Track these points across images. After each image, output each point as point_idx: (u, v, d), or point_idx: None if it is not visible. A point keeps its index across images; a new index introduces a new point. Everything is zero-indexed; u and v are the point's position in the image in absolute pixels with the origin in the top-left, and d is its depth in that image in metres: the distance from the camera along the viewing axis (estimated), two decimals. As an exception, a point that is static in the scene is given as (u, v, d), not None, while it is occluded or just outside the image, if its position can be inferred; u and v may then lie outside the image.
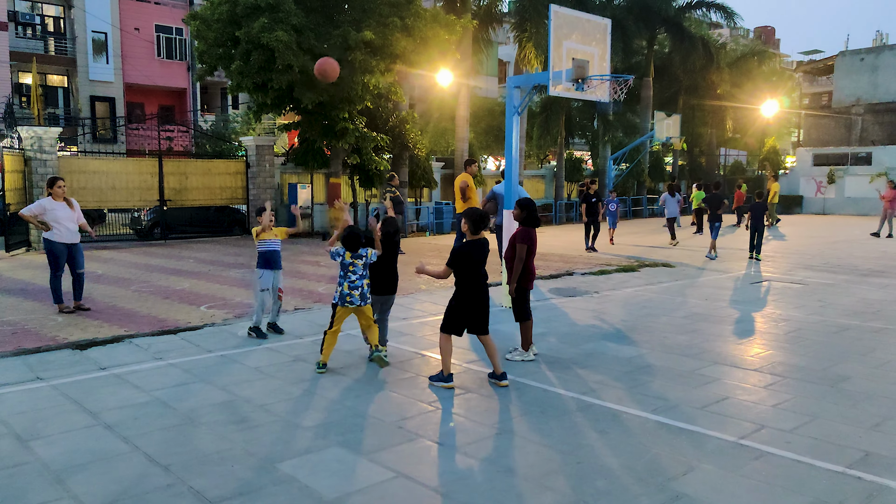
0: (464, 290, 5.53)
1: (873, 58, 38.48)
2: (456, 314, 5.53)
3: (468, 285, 5.51)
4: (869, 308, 8.93)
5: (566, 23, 8.50)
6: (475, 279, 5.50)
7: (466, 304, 5.51)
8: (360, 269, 6.01)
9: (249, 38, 15.10)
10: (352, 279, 5.97)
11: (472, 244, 5.51)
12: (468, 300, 5.51)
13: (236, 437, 4.46)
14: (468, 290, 5.51)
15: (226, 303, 9.14)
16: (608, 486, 3.75)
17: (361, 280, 6.02)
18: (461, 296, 5.53)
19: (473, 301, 5.52)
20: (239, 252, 15.47)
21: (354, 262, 5.98)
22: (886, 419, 4.79)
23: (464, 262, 5.47)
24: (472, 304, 5.52)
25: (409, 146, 20.23)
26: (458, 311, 5.52)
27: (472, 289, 5.50)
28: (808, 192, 34.19)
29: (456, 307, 5.54)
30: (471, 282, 5.51)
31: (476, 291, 5.51)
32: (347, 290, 5.98)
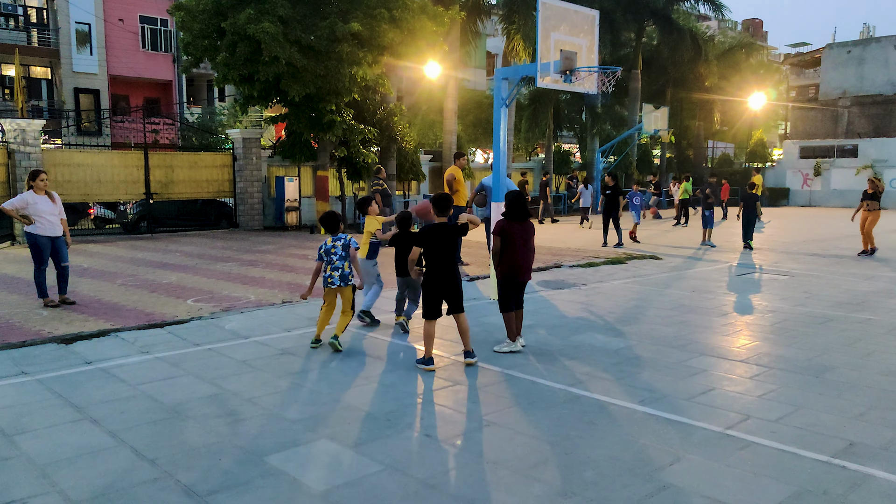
0: (430, 271, 5.79)
1: (860, 50, 38.77)
2: (430, 296, 5.79)
3: (433, 265, 5.77)
4: (854, 299, 9.02)
5: (554, 14, 8.48)
6: (439, 259, 5.74)
7: (435, 283, 5.77)
8: (339, 250, 6.36)
9: (235, 30, 14.96)
10: (332, 261, 6.35)
11: (436, 226, 5.79)
12: (436, 280, 5.77)
13: (224, 430, 4.44)
14: (434, 270, 5.77)
15: (213, 296, 9.08)
16: (596, 477, 3.76)
17: (342, 262, 6.37)
18: (429, 276, 5.80)
19: (440, 280, 5.77)
20: (226, 245, 15.37)
21: (335, 245, 6.37)
22: (870, 409, 4.84)
23: (427, 243, 5.76)
24: (441, 283, 5.77)
25: (396, 139, 20.16)
26: (431, 292, 5.78)
27: (438, 268, 5.75)
28: (794, 185, 34.47)
29: (428, 289, 5.80)
30: (435, 262, 5.76)
31: (441, 271, 5.75)
32: (329, 272, 6.37)
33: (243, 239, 16.82)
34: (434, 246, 5.75)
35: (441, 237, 5.75)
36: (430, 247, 5.76)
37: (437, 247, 5.75)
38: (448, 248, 5.75)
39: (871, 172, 31.63)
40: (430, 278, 5.79)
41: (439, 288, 5.77)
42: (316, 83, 15.98)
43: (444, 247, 5.74)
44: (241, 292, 9.36)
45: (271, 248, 14.86)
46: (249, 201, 19.55)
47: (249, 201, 19.55)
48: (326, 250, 6.37)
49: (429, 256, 5.78)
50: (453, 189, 12.22)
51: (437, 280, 5.77)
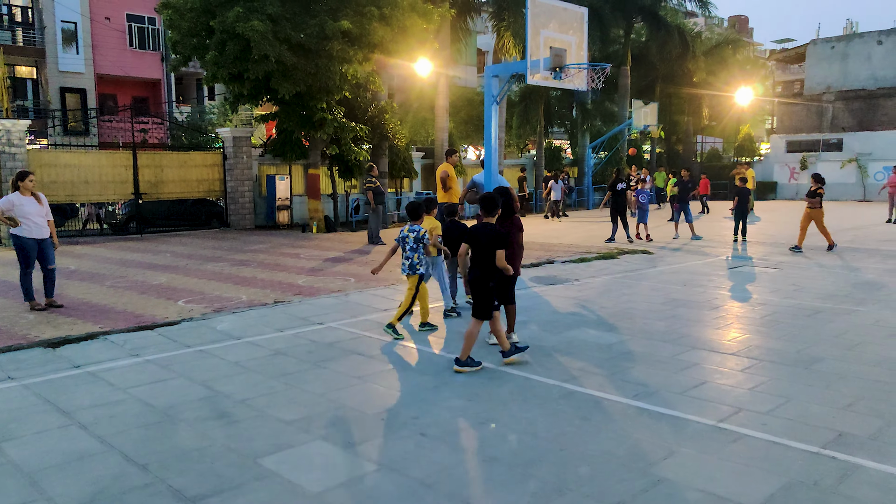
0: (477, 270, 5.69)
1: (843, 46, 39.02)
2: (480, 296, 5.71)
3: (480, 265, 5.67)
4: (841, 291, 9.10)
5: (543, 11, 8.50)
6: (486, 259, 5.63)
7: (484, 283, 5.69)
8: (411, 241, 6.80)
9: (224, 28, 14.87)
10: (405, 249, 6.83)
11: (482, 227, 5.70)
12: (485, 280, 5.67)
13: (216, 433, 4.42)
14: (481, 270, 5.69)
15: (204, 297, 9.03)
16: (591, 473, 3.78)
17: (412, 252, 6.80)
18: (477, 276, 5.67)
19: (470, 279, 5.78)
20: (217, 245, 15.30)
21: (408, 235, 6.83)
22: (858, 399, 4.89)
23: (474, 242, 5.69)
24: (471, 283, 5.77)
25: (388, 136, 20.12)
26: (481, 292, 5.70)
27: (485, 269, 5.67)
28: (782, 179, 34.70)
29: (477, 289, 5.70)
30: (482, 262, 5.65)
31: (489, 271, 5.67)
32: (402, 259, 6.88)
33: (234, 238, 16.75)
34: (479, 246, 5.64)
35: (481, 238, 5.62)
36: (477, 246, 5.67)
37: (482, 247, 5.62)
38: (487, 249, 5.60)
39: (856, 166, 31.93)
40: (479, 278, 5.68)
41: (487, 288, 5.69)
42: (306, 81, 15.92)
43: (482, 248, 5.61)
44: (233, 292, 9.32)
45: (263, 247, 14.80)
46: (240, 200, 19.46)
47: (240, 200, 19.46)
48: (402, 238, 6.83)
49: (475, 256, 5.69)
50: (447, 186, 12.21)
51: (485, 280, 5.68)
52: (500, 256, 5.55)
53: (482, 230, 5.64)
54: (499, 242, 5.55)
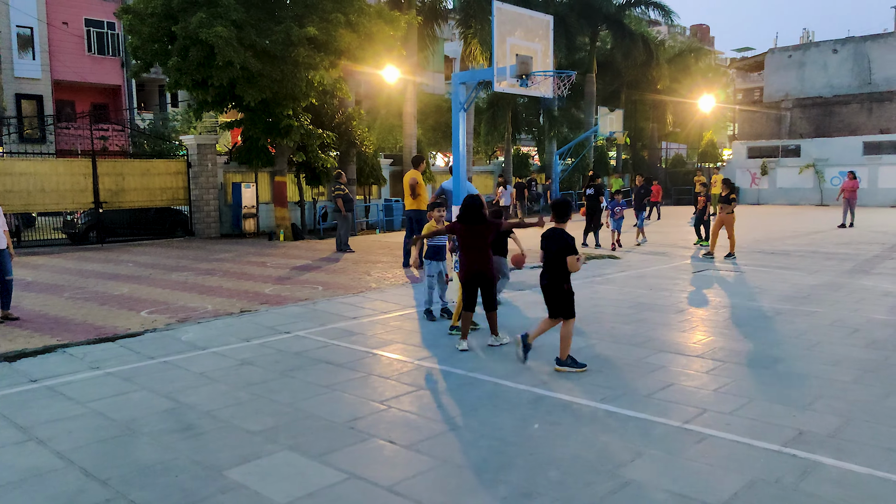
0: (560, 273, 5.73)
1: (800, 55, 40.23)
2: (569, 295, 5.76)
3: (554, 267, 5.74)
4: (800, 293, 9.34)
5: (509, 19, 8.56)
6: (554, 261, 5.71)
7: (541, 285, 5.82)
8: None
9: (187, 34, 14.66)
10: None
11: (553, 231, 5.80)
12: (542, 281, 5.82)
13: (180, 445, 4.33)
14: (542, 272, 5.81)
15: (168, 307, 8.85)
16: (560, 476, 3.80)
17: None
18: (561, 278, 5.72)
19: (544, 284, 5.83)
20: (181, 254, 15.02)
21: None
22: (817, 398, 5.02)
23: (543, 246, 5.81)
24: (544, 287, 5.83)
25: (356, 143, 20.05)
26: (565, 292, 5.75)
27: (545, 271, 5.80)
28: (743, 184, 35.52)
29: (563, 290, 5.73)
30: (553, 264, 5.73)
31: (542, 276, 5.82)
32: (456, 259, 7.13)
33: (199, 247, 16.47)
34: (550, 251, 5.73)
35: (551, 242, 5.73)
36: (548, 252, 5.77)
37: (553, 252, 5.71)
38: (559, 254, 5.69)
39: (814, 171, 32.87)
40: (554, 282, 5.77)
41: (543, 290, 5.82)
42: (272, 88, 15.77)
43: (554, 253, 5.71)
44: (198, 302, 9.16)
45: (229, 255, 14.58)
46: (205, 209, 19.15)
47: (205, 209, 19.15)
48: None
49: (546, 261, 5.80)
50: (415, 193, 12.22)
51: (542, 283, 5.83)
52: (571, 262, 5.64)
53: (552, 236, 5.75)
54: (569, 248, 5.63)
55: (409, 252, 12.32)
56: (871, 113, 35.92)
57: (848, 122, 36.45)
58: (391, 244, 16.37)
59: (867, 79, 37.85)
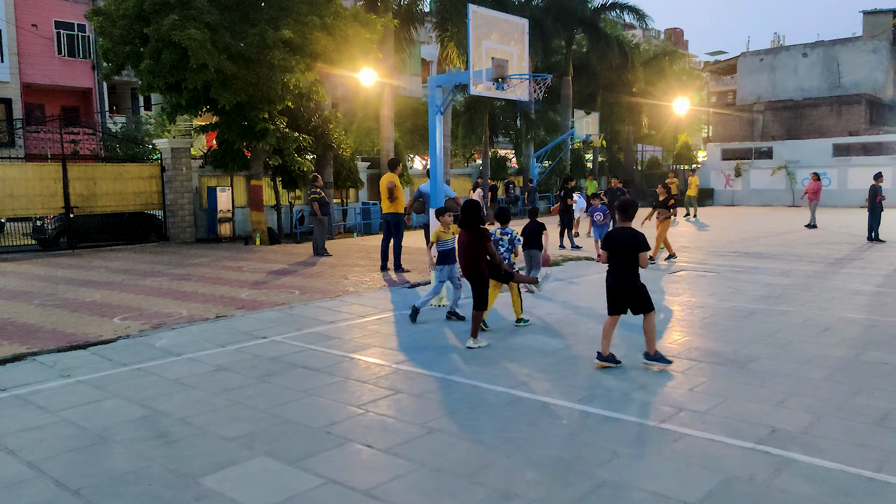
0: (608, 273, 5.89)
1: (771, 58, 40.99)
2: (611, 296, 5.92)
3: (615, 267, 5.85)
4: (773, 293, 9.49)
5: (485, 22, 8.59)
6: (627, 259, 5.78)
7: (610, 285, 5.90)
8: (505, 243, 7.39)
9: (159, 36, 14.47)
10: (500, 252, 7.25)
11: (620, 231, 5.87)
12: (610, 282, 5.89)
13: (154, 453, 4.26)
14: (608, 273, 5.90)
15: (142, 313, 8.72)
16: (538, 478, 3.81)
17: (508, 253, 7.36)
18: (634, 275, 5.84)
19: (610, 284, 5.89)
20: (156, 260, 14.80)
21: (502, 238, 7.37)
22: (790, 396, 5.10)
23: (611, 247, 5.85)
24: (610, 287, 5.89)
25: (333, 146, 19.94)
26: (610, 292, 5.90)
27: (610, 272, 5.87)
28: (718, 185, 36.05)
29: (609, 290, 5.93)
30: (625, 262, 5.79)
31: (613, 275, 5.86)
32: None
33: (174, 252, 16.24)
34: (623, 249, 5.79)
35: (623, 242, 5.78)
36: (619, 250, 5.80)
37: (618, 250, 5.81)
38: (630, 252, 5.76)
39: (785, 172, 33.47)
40: (628, 280, 5.83)
41: (618, 290, 5.87)
42: (247, 91, 15.63)
43: (625, 251, 5.77)
44: (173, 308, 9.03)
45: (204, 260, 14.41)
46: (180, 213, 18.90)
47: (180, 213, 18.90)
48: (495, 241, 7.26)
49: (617, 259, 5.85)
50: (392, 196, 12.19)
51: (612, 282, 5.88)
52: (643, 258, 5.75)
53: (623, 235, 5.79)
54: (643, 245, 5.73)
55: (386, 256, 12.29)
56: (840, 115, 36.70)
57: (818, 124, 37.20)
58: (369, 248, 16.32)
59: (836, 82, 38.69)
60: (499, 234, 7.49)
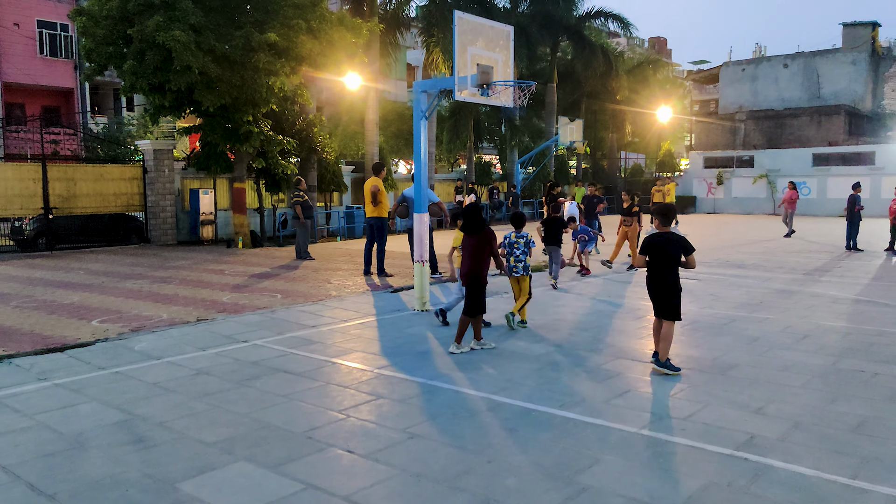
0: (651, 274, 6.06)
1: (753, 68, 41.58)
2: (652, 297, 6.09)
3: (654, 270, 6.02)
4: (753, 300, 9.60)
5: (470, 29, 8.62)
6: (660, 266, 5.98)
7: (651, 287, 6.05)
8: (521, 246, 7.51)
9: (143, 37, 14.35)
10: (516, 254, 7.50)
11: (660, 235, 6.02)
12: (651, 284, 6.04)
13: (132, 458, 4.20)
14: (649, 276, 6.07)
15: (121, 316, 8.61)
16: (518, 484, 3.81)
17: (524, 256, 7.51)
18: (649, 279, 6.07)
19: (652, 287, 6.05)
20: (136, 262, 14.63)
21: (518, 241, 7.52)
22: (769, 402, 5.15)
23: (651, 251, 6.00)
24: (652, 289, 6.05)
25: (317, 150, 19.88)
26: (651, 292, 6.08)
27: (651, 275, 6.05)
28: (700, 193, 36.43)
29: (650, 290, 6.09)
30: (657, 267, 6.00)
31: (654, 278, 6.03)
32: (513, 262, 7.52)
33: (155, 255, 16.08)
34: (657, 253, 5.97)
35: (665, 245, 5.95)
36: (654, 254, 5.98)
37: (660, 254, 5.96)
38: (671, 255, 5.94)
39: (766, 181, 33.91)
40: (651, 281, 6.06)
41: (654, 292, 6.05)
42: (232, 93, 15.54)
43: (666, 254, 5.95)
44: (153, 311, 8.93)
45: (186, 263, 14.27)
46: (162, 215, 18.72)
47: (162, 215, 18.72)
48: (511, 243, 7.52)
49: (660, 263, 6.00)
50: (376, 200, 12.17)
51: (654, 284, 6.05)
52: (692, 260, 5.96)
53: (668, 238, 5.95)
54: (689, 247, 5.94)
55: (369, 260, 12.26)
56: (820, 126, 37.29)
57: (798, 134, 37.76)
58: (352, 252, 16.27)
59: (816, 92, 39.33)
60: (513, 237, 7.61)
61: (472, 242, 6.78)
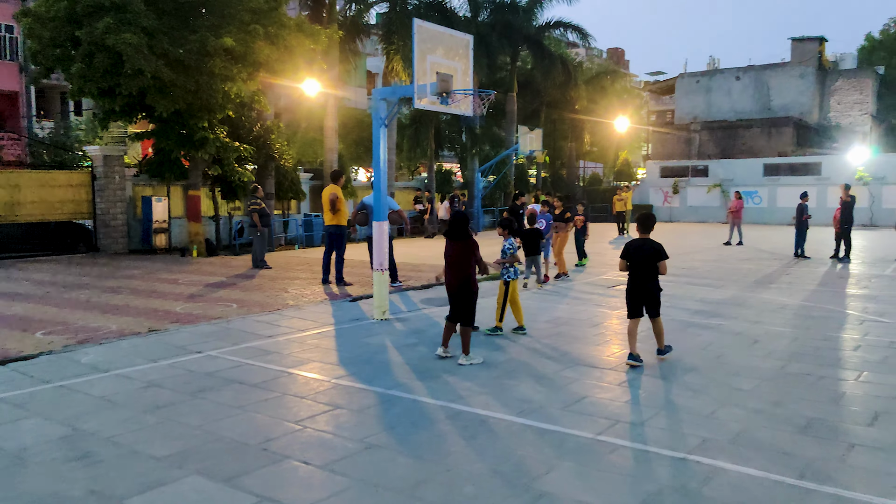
0: (632, 278, 6.56)
1: (707, 80, 42.82)
2: (629, 299, 6.62)
3: (636, 274, 6.53)
4: (707, 307, 9.83)
5: (430, 37, 8.64)
6: (640, 270, 6.48)
7: (630, 290, 6.58)
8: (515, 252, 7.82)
9: (92, 39, 13.95)
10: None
11: (638, 241, 6.55)
12: (631, 287, 6.57)
13: (77, 474, 4.04)
14: (630, 280, 6.57)
15: (67, 327, 8.31)
16: (476, 491, 3.80)
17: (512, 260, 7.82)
18: (630, 282, 6.60)
19: (636, 288, 6.53)
20: (84, 271, 14.16)
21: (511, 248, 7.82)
22: (720, 406, 5.27)
23: (632, 257, 6.50)
24: (635, 291, 6.54)
25: (274, 157, 19.61)
26: (630, 296, 6.61)
27: (633, 279, 6.54)
28: (656, 202, 37.22)
29: (628, 294, 6.63)
30: (637, 272, 6.50)
31: (636, 282, 6.52)
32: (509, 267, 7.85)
33: (105, 264, 15.59)
34: (637, 258, 6.47)
35: (644, 251, 6.44)
36: (635, 259, 6.47)
37: (640, 259, 6.46)
38: (650, 260, 6.43)
39: (720, 190, 34.87)
40: (631, 284, 6.57)
41: (632, 294, 6.56)
42: (186, 99, 15.21)
43: (644, 260, 6.45)
44: (101, 322, 8.65)
45: (137, 272, 13.88)
46: (112, 223, 18.18)
47: (112, 223, 18.18)
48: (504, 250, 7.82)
49: (633, 267, 6.53)
50: (335, 208, 12.06)
51: (637, 286, 6.53)
52: (664, 266, 6.45)
53: (644, 245, 6.47)
54: (662, 255, 6.41)
55: (328, 268, 12.13)
56: (770, 137, 38.58)
57: (750, 144, 38.98)
58: (310, 260, 16.07)
59: (767, 104, 40.71)
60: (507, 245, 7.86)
61: (456, 250, 6.71)
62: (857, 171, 30.76)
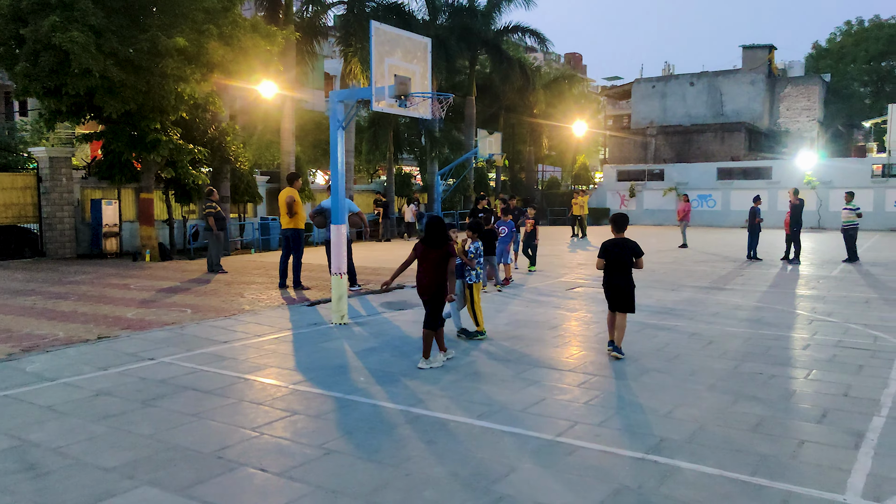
0: (608, 276, 6.93)
1: (662, 85, 43.80)
2: (607, 295, 7.02)
3: (611, 273, 6.90)
4: (664, 308, 10.02)
5: (388, 40, 8.60)
6: (617, 268, 6.86)
7: (607, 287, 6.98)
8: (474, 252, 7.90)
9: (38, 38, 13.44)
10: (479, 261, 7.93)
11: (615, 241, 6.91)
12: (612, 283, 6.91)
13: (21, 487, 3.87)
14: (607, 277, 6.94)
15: (10, 335, 7.97)
16: (435, 496, 3.77)
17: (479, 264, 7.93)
18: (607, 280, 6.98)
19: (611, 286, 6.91)
20: (29, 277, 13.62)
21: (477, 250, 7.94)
22: (677, 406, 5.37)
23: (609, 255, 6.86)
24: (611, 288, 6.92)
25: (230, 159, 19.24)
26: (607, 292, 7.00)
27: (610, 276, 6.91)
28: (613, 205, 37.86)
29: (605, 289, 7.03)
30: (614, 270, 6.87)
31: (617, 277, 6.88)
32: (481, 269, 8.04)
33: (51, 269, 15.03)
34: (614, 257, 6.83)
35: (621, 250, 6.85)
36: (611, 257, 6.84)
37: (616, 257, 6.84)
38: (625, 259, 6.83)
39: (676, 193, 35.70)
40: (608, 282, 6.95)
41: (609, 292, 6.96)
42: (137, 99, 14.79)
43: (622, 258, 6.83)
44: (47, 329, 8.33)
45: (86, 277, 13.42)
46: (59, 227, 17.55)
47: (59, 227, 17.55)
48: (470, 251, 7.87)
49: (617, 266, 6.86)
50: (292, 211, 11.89)
51: (613, 284, 6.91)
52: (641, 262, 6.88)
53: (620, 244, 6.84)
54: (638, 250, 6.83)
55: (285, 272, 11.95)
56: (724, 141, 39.67)
57: (704, 149, 40.00)
58: (267, 264, 15.81)
59: (720, 110, 41.86)
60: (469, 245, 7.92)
61: (432, 256, 6.55)
62: (806, 176, 31.89)
